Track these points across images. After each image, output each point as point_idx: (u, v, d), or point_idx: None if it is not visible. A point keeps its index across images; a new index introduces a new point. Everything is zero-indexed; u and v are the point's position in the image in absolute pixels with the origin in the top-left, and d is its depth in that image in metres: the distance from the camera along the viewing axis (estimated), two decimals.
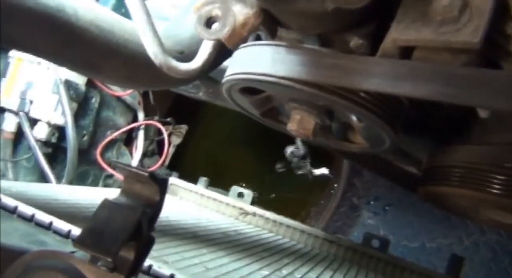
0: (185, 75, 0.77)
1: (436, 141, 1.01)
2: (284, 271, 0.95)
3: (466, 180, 0.90)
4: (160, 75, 0.78)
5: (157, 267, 0.54)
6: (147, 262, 0.55)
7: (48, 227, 0.60)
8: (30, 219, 0.61)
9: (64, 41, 0.74)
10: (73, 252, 0.49)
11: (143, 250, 0.44)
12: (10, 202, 0.63)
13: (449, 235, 1.92)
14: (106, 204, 0.43)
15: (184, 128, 2.02)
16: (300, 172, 1.97)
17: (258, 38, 0.84)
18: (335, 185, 2.04)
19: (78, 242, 0.41)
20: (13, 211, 0.62)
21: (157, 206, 0.45)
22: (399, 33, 0.56)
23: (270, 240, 1.28)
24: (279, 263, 1.00)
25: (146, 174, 0.42)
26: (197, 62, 0.76)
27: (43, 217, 0.61)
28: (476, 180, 0.89)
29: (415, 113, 0.81)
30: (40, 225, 0.60)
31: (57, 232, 0.59)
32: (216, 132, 2.28)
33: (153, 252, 0.79)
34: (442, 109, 0.93)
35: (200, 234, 1.08)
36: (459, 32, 0.52)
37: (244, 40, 0.63)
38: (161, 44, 0.74)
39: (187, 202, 1.53)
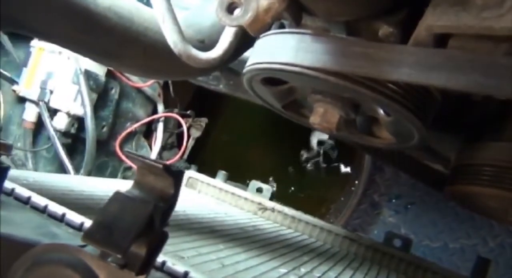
0: (205, 65, 0.74)
1: (466, 137, 0.96)
2: (303, 270, 0.92)
3: (498, 180, 0.85)
4: (180, 64, 0.76)
5: (171, 263, 0.52)
6: (160, 258, 0.53)
7: (60, 219, 0.58)
8: (43, 210, 0.59)
9: (83, 27, 0.72)
10: (83, 246, 0.47)
11: (156, 246, 0.41)
12: (23, 192, 0.61)
13: (473, 235, 1.86)
14: (117, 196, 0.41)
15: (204, 121, 2.00)
16: (326, 165, 1.95)
17: (281, 27, 0.80)
18: (356, 182, 1.99)
19: (87, 236, 0.39)
20: (26, 201, 0.60)
21: (171, 200, 0.42)
22: (435, 19, 0.52)
23: (289, 237, 1.25)
24: (298, 261, 0.97)
25: (161, 166, 0.40)
26: (218, 51, 0.74)
27: (56, 208, 0.59)
28: (509, 179, 0.84)
29: (445, 108, 0.77)
30: (52, 216, 0.59)
31: (69, 224, 0.57)
32: (236, 125, 2.25)
33: (169, 247, 0.77)
34: (475, 105, 0.88)
35: (218, 229, 1.06)
36: (502, 18, 0.48)
37: (268, 27, 0.59)
38: (180, 32, 0.71)
39: (205, 196, 1.51)
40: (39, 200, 0.60)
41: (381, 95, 0.61)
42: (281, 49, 0.66)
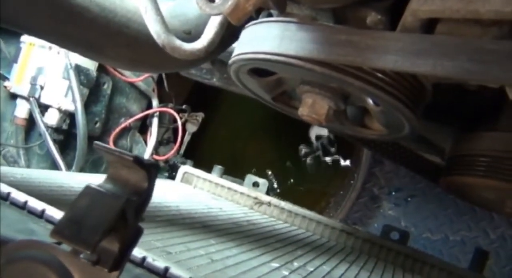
0: (190, 56, 0.72)
1: (461, 128, 0.95)
2: (296, 264, 0.91)
3: (492, 170, 0.84)
4: (165, 56, 0.74)
5: (152, 259, 0.50)
6: (142, 254, 0.52)
7: (40, 215, 0.57)
8: (22, 206, 0.58)
9: (64, 19, 0.70)
10: (59, 243, 0.46)
11: (129, 242, 0.40)
12: (3, 188, 0.60)
13: (474, 227, 1.84)
14: (88, 191, 0.39)
15: (200, 116, 1.99)
16: (325, 159, 1.93)
17: (270, 16, 0.78)
18: (355, 175, 1.98)
19: (55, 232, 0.37)
20: (5, 197, 0.59)
21: (145, 194, 0.40)
22: (420, 3, 0.50)
23: (284, 231, 1.24)
24: (292, 255, 0.96)
25: (131, 158, 0.38)
26: (202, 41, 0.72)
27: (35, 204, 0.58)
28: (504, 169, 0.82)
29: (438, 98, 0.75)
30: (32, 212, 0.57)
31: (49, 220, 0.56)
32: (235, 120, 2.24)
33: (157, 243, 0.75)
34: (469, 93, 0.86)
35: (210, 224, 1.04)
36: (488, 0, 0.46)
37: (249, 15, 0.57)
38: (164, 22, 0.69)
39: (201, 191, 1.50)
40: (19, 196, 0.58)
41: (368, 85, 0.59)
42: (266, 39, 0.65)
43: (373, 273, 1.05)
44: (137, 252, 0.52)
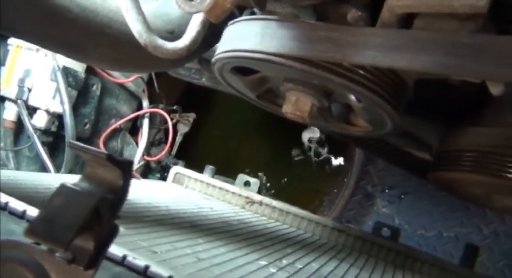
0: (172, 55, 0.72)
1: (447, 123, 0.95)
2: (285, 261, 0.90)
3: (478, 165, 0.84)
4: (148, 56, 0.74)
5: (132, 257, 0.50)
6: (121, 252, 0.52)
7: (21, 216, 0.56)
8: (3, 208, 0.57)
9: (44, 19, 0.70)
10: (37, 243, 0.45)
11: (105, 240, 0.40)
12: None
13: (467, 223, 1.85)
14: (62, 189, 0.39)
15: (191, 116, 1.98)
16: (317, 159, 1.93)
17: (253, 14, 0.78)
18: (349, 173, 1.98)
19: (29, 231, 0.37)
20: None
21: (121, 192, 0.40)
22: None
23: (275, 229, 1.24)
24: (281, 253, 0.96)
25: (104, 156, 0.38)
26: (185, 40, 0.72)
27: (16, 205, 0.57)
28: (490, 164, 0.83)
29: (424, 94, 0.75)
30: (13, 213, 0.57)
31: (30, 221, 0.55)
32: (227, 120, 2.23)
33: (143, 242, 0.75)
34: (453, 89, 0.86)
35: (199, 223, 1.04)
36: None
37: (228, 13, 0.57)
38: (145, 22, 0.69)
39: (193, 191, 1.49)
40: (1, 198, 0.58)
41: (348, 81, 0.60)
42: (247, 37, 0.65)
43: (363, 270, 1.05)
44: (118, 251, 0.51)
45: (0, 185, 0.78)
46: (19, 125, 1.52)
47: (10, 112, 1.50)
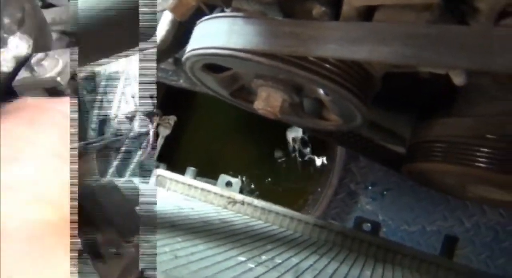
0: None
1: (418, 116, 0.97)
2: (264, 257, 0.91)
3: (449, 155, 0.86)
4: None
5: None
6: None
7: None
8: None
9: None
10: None
11: None
12: None
13: (449, 217, 1.88)
14: None
15: (172, 119, 1.98)
16: (301, 160, 1.95)
17: (223, 12, 0.79)
18: (331, 172, 2.00)
19: None
20: None
21: None
22: None
23: (256, 228, 1.24)
24: (261, 249, 0.97)
25: None
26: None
27: None
28: (459, 154, 0.85)
29: (394, 87, 0.77)
30: None
31: None
32: (210, 122, 2.24)
33: None
34: (423, 81, 0.88)
35: (179, 223, 1.04)
36: None
37: (193, 10, 0.58)
38: None
39: (174, 193, 1.49)
40: None
41: (313, 74, 0.61)
42: (215, 34, 0.66)
43: (343, 264, 1.07)
44: None
45: None
46: None
47: None
